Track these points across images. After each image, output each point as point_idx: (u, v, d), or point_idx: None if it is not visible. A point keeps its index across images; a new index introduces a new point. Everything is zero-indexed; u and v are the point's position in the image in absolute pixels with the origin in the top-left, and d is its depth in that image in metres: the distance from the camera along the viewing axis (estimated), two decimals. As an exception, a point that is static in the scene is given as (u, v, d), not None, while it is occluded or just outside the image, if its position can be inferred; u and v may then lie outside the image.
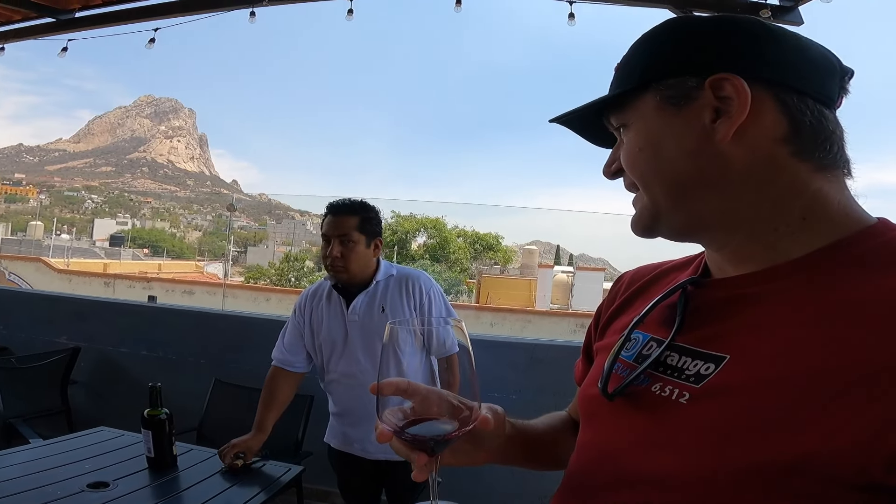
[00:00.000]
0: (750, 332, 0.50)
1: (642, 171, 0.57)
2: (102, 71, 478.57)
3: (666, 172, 0.55)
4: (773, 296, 0.51)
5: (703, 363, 0.52)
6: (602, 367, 0.63)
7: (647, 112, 0.56)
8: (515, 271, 28.50)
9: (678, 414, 0.50)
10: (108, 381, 3.44)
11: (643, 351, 0.59)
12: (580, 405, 0.68)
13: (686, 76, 0.53)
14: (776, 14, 2.84)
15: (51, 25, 3.64)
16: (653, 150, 0.55)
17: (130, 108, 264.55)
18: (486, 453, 0.69)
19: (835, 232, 0.51)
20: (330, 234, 1.84)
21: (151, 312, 3.74)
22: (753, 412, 0.45)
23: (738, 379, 0.48)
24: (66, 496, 1.52)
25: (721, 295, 0.56)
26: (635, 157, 0.57)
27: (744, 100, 0.50)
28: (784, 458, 0.42)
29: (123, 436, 2.00)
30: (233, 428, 2.60)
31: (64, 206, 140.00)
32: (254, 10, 3.20)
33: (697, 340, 0.54)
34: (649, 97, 0.55)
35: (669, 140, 0.54)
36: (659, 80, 0.55)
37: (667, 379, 0.54)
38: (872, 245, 0.49)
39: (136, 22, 3.54)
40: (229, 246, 29.41)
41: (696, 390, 0.50)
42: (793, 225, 0.52)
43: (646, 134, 0.56)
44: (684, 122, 0.54)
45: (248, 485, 1.71)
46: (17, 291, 5.57)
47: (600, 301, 0.77)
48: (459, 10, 2.96)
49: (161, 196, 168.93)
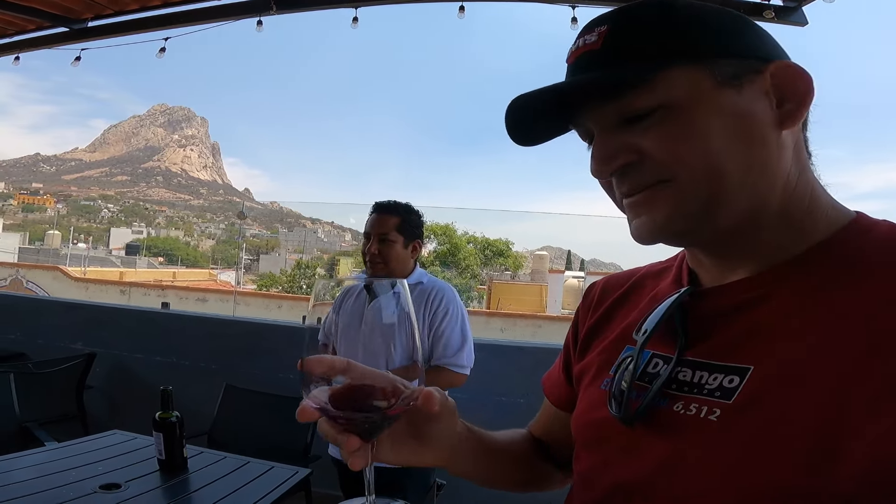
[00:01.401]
0: (767, 340, 0.48)
1: (695, 157, 0.47)
2: (116, 80, 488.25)
3: (716, 166, 0.47)
4: (780, 298, 0.49)
5: (725, 376, 0.48)
6: (598, 389, 0.59)
7: (701, 89, 0.47)
8: (526, 277, 28.42)
9: (711, 433, 0.46)
10: (123, 386, 3.50)
11: (648, 369, 0.54)
12: (579, 431, 0.62)
13: (750, 58, 0.48)
14: (779, 15, 2.83)
15: (64, 35, 3.73)
16: (714, 132, 0.47)
17: (144, 116, 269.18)
18: (434, 452, 0.57)
19: (828, 227, 0.51)
20: (371, 231, 1.91)
21: (165, 319, 3.80)
22: (793, 424, 0.42)
23: (769, 390, 0.45)
24: (78, 497, 1.54)
25: (723, 304, 0.52)
26: (687, 141, 0.47)
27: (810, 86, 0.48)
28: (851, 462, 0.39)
29: (136, 439, 2.03)
30: (243, 432, 2.64)
31: (81, 216, 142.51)
32: (261, 19, 3.26)
33: (710, 353, 0.51)
34: (699, 74, 0.47)
35: (734, 122, 0.47)
36: (709, 58, 0.47)
37: (689, 397, 0.49)
38: (865, 243, 0.49)
39: (147, 31, 3.61)
40: (241, 254, 29.62)
41: (727, 406, 0.46)
42: (799, 221, 0.51)
43: (703, 112, 0.47)
44: (751, 105, 0.48)
45: (256, 486, 1.73)
46: (34, 298, 5.69)
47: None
48: (462, 16, 3.00)
49: (175, 205, 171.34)
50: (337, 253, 60.88)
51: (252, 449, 2.11)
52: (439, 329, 1.86)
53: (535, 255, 33.33)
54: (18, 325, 3.80)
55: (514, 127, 0.54)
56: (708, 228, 0.50)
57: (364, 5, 3.23)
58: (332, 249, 73.69)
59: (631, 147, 0.49)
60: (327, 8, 3.39)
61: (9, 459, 1.78)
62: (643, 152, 0.49)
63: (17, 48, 3.93)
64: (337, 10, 3.34)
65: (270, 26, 3.35)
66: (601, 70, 0.49)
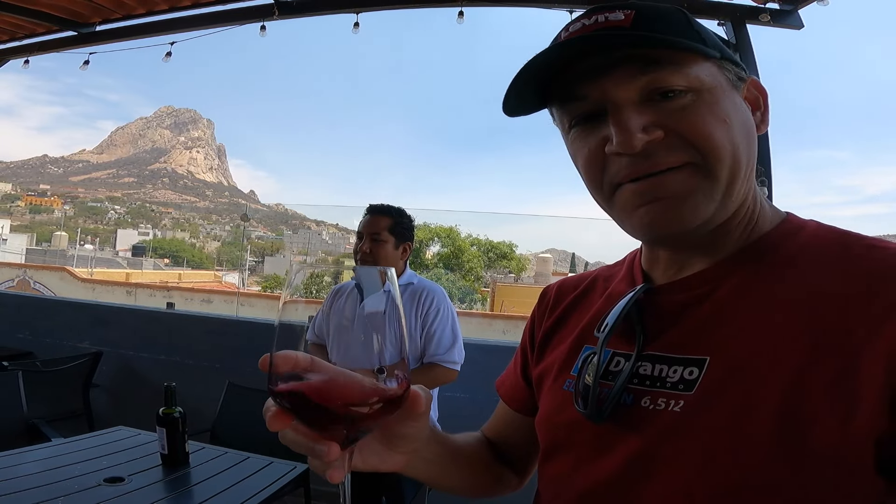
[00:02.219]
0: (720, 330, 0.50)
1: (724, 141, 0.49)
2: (124, 82, 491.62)
3: (738, 154, 0.50)
4: (728, 291, 0.52)
5: (684, 368, 0.50)
6: (561, 389, 0.60)
7: (719, 84, 0.51)
8: (529, 279, 28.39)
9: (677, 425, 0.48)
10: (128, 384, 3.56)
11: (610, 367, 0.55)
12: (546, 434, 0.61)
13: (741, 67, 0.54)
14: (775, 18, 2.84)
15: (73, 39, 3.81)
16: (735, 123, 0.50)
17: (151, 118, 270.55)
18: (401, 455, 0.52)
19: (768, 224, 0.55)
20: (363, 231, 1.99)
21: (170, 319, 3.86)
22: (755, 410, 0.44)
23: (728, 380, 0.47)
24: (83, 490, 1.59)
25: (677, 299, 0.55)
26: (718, 126, 0.49)
27: (768, 101, 0.56)
28: (811, 446, 0.42)
29: (140, 435, 2.08)
30: (245, 429, 2.68)
31: (88, 217, 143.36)
32: (264, 24, 3.32)
33: (668, 347, 0.52)
34: (716, 69, 0.51)
35: (743, 120, 0.52)
36: (721, 60, 0.52)
37: (654, 391, 0.51)
38: (799, 241, 0.53)
39: (154, 36, 3.69)
40: (245, 255, 29.76)
41: (689, 397, 0.48)
42: (750, 218, 0.55)
43: (725, 106, 0.50)
44: (743, 106, 0.54)
45: (256, 480, 1.78)
46: (42, 298, 5.77)
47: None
48: (462, 21, 3.04)
49: (181, 206, 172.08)
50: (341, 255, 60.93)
51: (253, 446, 2.15)
52: (431, 328, 1.92)
53: (538, 257, 33.28)
54: (27, 325, 3.88)
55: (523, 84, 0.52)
56: (718, 218, 0.51)
57: (365, 10, 3.28)
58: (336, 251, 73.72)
59: (657, 124, 0.49)
60: (329, 13, 3.44)
61: (17, 454, 1.83)
62: (675, 130, 0.49)
63: (26, 51, 4.01)
64: (337, 14, 3.40)
65: (276, 29, 3.42)
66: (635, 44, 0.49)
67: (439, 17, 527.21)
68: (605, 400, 0.52)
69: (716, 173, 0.49)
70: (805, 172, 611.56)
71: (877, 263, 0.47)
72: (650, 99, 0.49)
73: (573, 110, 0.53)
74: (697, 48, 0.49)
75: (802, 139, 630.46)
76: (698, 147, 0.48)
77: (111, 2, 3.45)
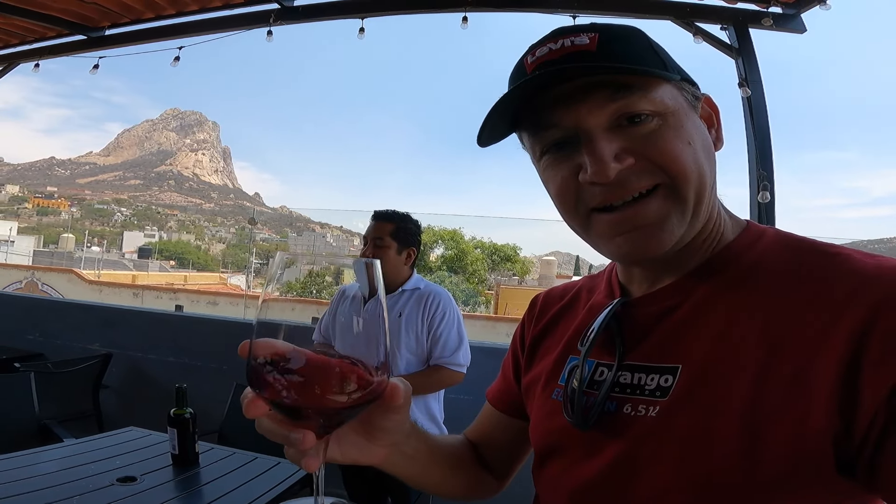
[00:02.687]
0: (689, 338, 0.53)
1: (691, 163, 0.51)
2: (131, 84, 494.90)
3: (703, 174, 0.52)
4: (696, 300, 0.55)
5: (660, 376, 0.53)
6: (549, 399, 0.63)
7: (681, 106, 0.53)
8: (534, 282, 28.37)
9: (653, 429, 0.51)
10: (137, 385, 3.60)
11: (594, 377, 0.58)
12: (538, 440, 0.64)
13: (696, 86, 0.56)
14: (778, 22, 2.86)
15: (82, 43, 3.87)
16: (697, 145, 0.52)
17: (157, 121, 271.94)
18: (380, 449, 0.53)
19: (730, 234, 0.58)
20: (367, 236, 2.02)
21: (178, 321, 3.91)
22: (723, 413, 0.47)
23: (697, 385, 0.50)
24: (97, 489, 1.63)
25: (650, 311, 0.57)
26: (684, 149, 0.51)
27: (720, 117, 0.58)
28: (774, 445, 0.44)
29: (151, 435, 2.12)
30: (252, 430, 2.72)
31: (94, 219, 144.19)
32: (271, 29, 3.36)
33: (645, 356, 0.55)
34: (677, 91, 0.53)
35: (701, 140, 0.54)
36: (682, 80, 0.54)
37: (634, 398, 0.54)
38: (759, 249, 0.55)
39: (162, 40, 3.73)
40: (251, 258, 29.88)
41: (664, 402, 0.51)
42: (715, 231, 0.57)
43: (688, 128, 0.52)
44: (702, 126, 0.55)
45: (264, 480, 1.81)
46: (52, 300, 5.82)
47: None
48: (466, 26, 3.08)
49: (187, 209, 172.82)
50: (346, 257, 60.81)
51: (261, 446, 2.18)
52: (437, 331, 1.95)
53: (542, 260, 33.24)
54: (38, 327, 3.93)
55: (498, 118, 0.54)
56: (684, 239, 0.54)
57: (370, 16, 3.31)
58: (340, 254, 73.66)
59: (627, 150, 0.50)
60: (334, 19, 3.48)
61: (33, 454, 1.87)
62: (644, 155, 0.50)
63: (36, 55, 4.07)
64: (343, 19, 3.44)
65: (281, 33, 3.45)
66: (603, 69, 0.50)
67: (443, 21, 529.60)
68: (591, 408, 0.55)
69: (684, 195, 0.51)
70: (810, 174, 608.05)
71: (828, 271, 0.49)
72: (619, 124, 0.51)
73: (545, 138, 0.54)
74: (662, 74, 0.51)
75: (807, 141, 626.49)
76: (667, 170, 0.50)
77: (120, 6, 3.50)
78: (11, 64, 4.26)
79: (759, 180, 2.85)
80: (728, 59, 2.97)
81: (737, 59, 2.94)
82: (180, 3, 3.47)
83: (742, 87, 2.87)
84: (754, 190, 2.87)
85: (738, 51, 2.93)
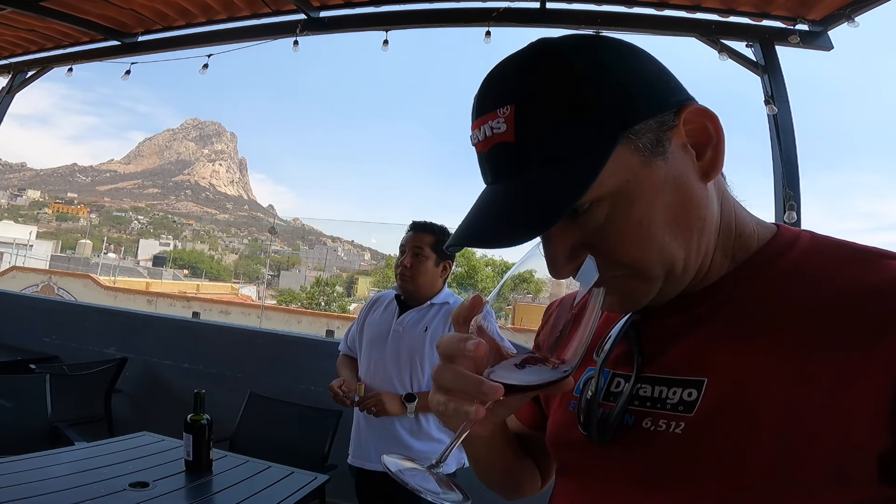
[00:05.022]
0: (715, 351, 0.49)
1: (647, 250, 0.47)
2: (156, 93, 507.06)
3: (666, 251, 0.48)
4: (723, 311, 0.51)
5: (683, 389, 0.49)
6: (566, 410, 0.60)
7: (630, 174, 0.45)
8: (545, 300, 28.20)
9: (679, 446, 0.48)
10: (150, 391, 3.60)
11: (611, 388, 0.55)
12: (555, 452, 0.62)
13: (660, 112, 0.46)
14: (805, 40, 2.82)
15: (115, 49, 3.94)
16: (657, 215, 0.47)
17: (177, 130, 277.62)
18: (492, 425, 0.57)
19: (758, 243, 0.54)
20: (406, 245, 2.00)
21: (195, 328, 3.92)
22: (754, 429, 0.44)
23: (728, 401, 0.46)
24: (108, 494, 1.61)
25: (673, 321, 0.54)
26: (634, 235, 0.47)
27: (719, 127, 0.48)
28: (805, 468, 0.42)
29: (164, 440, 2.10)
30: (264, 439, 2.69)
31: (112, 226, 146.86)
32: (297, 39, 3.41)
33: (666, 368, 0.52)
34: (624, 154, 0.45)
35: (671, 196, 0.47)
36: (628, 128, 0.45)
37: (654, 412, 0.50)
38: (792, 255, 0.51)
39: (192, 47, 3.80)
40: (265, 270, 30.16)
41: (690, 419, 0.48)
42: (732, 249, 0.54)
43: (641, 200, 0.46)
44: (679, 168, 0.47)
45: (276, 490, 1.78)
46: (70, 304, 5.88)
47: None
48: (489, 41, 3.09)
49: (202, 219, 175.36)
50: (356, 272, 61.30)
51: (272, 455, 2.15)
52: None
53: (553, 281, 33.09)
54: (55, 329, 3.95)
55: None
56: (671, 294, 0.52)
57: (393, 28, 3.35)
58: (351, 268, 74.20)
59: (582, 244, 0.48)
60: (359, 30, 3.52)
61: (45, 457, 1.86)
62: (595, 248, 0.48)
63: (70, 59, 4.15)
64: (367, 31, 3.48)
65: (303, 46, 3.49)
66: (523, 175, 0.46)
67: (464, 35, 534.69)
68: (607, 421, 0.53)
69: (649, 276, 0.49)
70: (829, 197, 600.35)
71: (873, 277, 0.45)
72: (570, 218, 0.47)
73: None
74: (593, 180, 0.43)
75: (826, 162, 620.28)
76: (622, 263, 0.48)
77: (154, 13, 3.57)
78: (45, 67, 4.35)
79: (784, 199, 2.80)
80: (754, 76, 2.94)
81: (762, 77, 2.91)
82: (211, 11, 3.53)
83: (768, 104, 2.83)
84: (780, 210, 2.81)
85: (765, 68, 2.90)
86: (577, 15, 3.07)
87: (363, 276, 46.90)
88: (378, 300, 2.13)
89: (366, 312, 2.11)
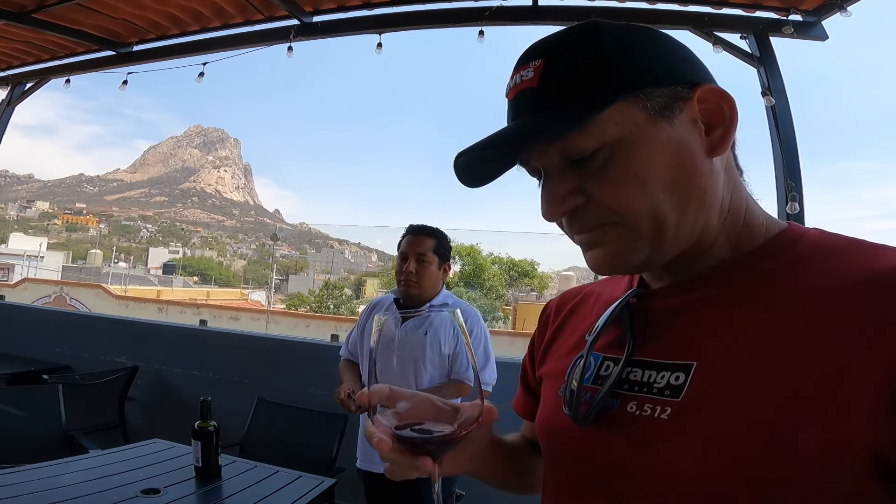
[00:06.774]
0: (709, 336, 0.49)
1: (638, 202, 0.48)
2: (158, 101, 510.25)
3: (657, 208, 0.49)
4: (722, 298, 0.51)
5: (671, 373, 0.49)
6: (556, 395, 0.60)
7: (635, 127, 0.48)
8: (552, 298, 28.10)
9: (664, 431, 0.47)
10: (162, 398, 3.65)
11: (600, 372, 0.55)
12: (541, 437, 0.63)
13: (675, 85, 0.49)
14: (799, 30, 2.80)
15: (110, 59, 3.98)
16: (654, 172, 0.48)
17: (181, 137, 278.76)
18: (468, 460, 0.61)
19: (765, 236, 0.54)
20: (408, 251, 2.00)
21: (203, 335, 3.97)
22: (745, 416, 0.44)
23: (716, 386, 0.46)
24: (121, 500, 1.64)
25: (669, 304, 0.54)
26: (629, 185, 0.48)
27: (734, 109, 0.50)
28: (792, 455, 0.41)
29: (174, 447, 2.14)
30: (273, 443, 2.73)
31: (121, 236, 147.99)
32: (291, 45, 3.43)
33: (657, 352, 0.52)
34: (632, 108, 0.47)
35: (670, 158, 0.48)
36: (640, 89, 0.48)
37: (641, 396, 0.50)
38: (798, 248, 0.51)
39: (187, 56, 3.82)
40: (272, 274, 30.30)
41: (676, 403, 0.48)
42: (737, 236, 0.54)
43: (642, 154, 0.48)
44: (684, 136, 0.49)
45: (285, 494, 1.81)
46: (82, 314, 5.97)
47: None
48: (482, 40, 3.09)
49: (209, 225, 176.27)
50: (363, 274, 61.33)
51: (281, 460, 2.18)
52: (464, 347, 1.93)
53: (561, 275, 33.02)
54: (67, 340, 4.02)
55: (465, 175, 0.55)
56: (658, 260, 0.52)
57: (387, 31, 3.35)
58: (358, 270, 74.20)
59: (578, 190, 0.50)
60: (352, 34, 3.53)
61: (59, 465, 1.91)
62: (590, 195, 0.49)
63: (67, 70, 4.20)
64: (365, 35, 3.49)
65: (301, 50, 3.52)
66: (539, 112, 0.49)
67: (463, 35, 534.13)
68: (591, 404, 0.53)
69: (637, 229, 0.49)
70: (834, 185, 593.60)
71: (876, 267, 0.45)
72: (572, 162, 0.50)
73: (529, 171, 0.55)
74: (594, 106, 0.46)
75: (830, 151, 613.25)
76: (613, 210, 0.49)
77: (147, 22, 3.60)
78: (44, 79, 4.41)
79: (787, 191, 2.78)
80: (750, 68, 2.93)
81: (758, 68, 2.89)
82: (203, 19, 3.55)
83: (766, 95, 2.82)
84: (782, 202, 2.80)
85: (760, 59, 2.89)
86: (569, 11, 3.06)
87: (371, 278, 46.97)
88: (378, 305, 2.15)
89: (366, 317, 2.12)
